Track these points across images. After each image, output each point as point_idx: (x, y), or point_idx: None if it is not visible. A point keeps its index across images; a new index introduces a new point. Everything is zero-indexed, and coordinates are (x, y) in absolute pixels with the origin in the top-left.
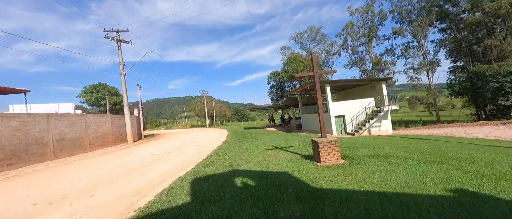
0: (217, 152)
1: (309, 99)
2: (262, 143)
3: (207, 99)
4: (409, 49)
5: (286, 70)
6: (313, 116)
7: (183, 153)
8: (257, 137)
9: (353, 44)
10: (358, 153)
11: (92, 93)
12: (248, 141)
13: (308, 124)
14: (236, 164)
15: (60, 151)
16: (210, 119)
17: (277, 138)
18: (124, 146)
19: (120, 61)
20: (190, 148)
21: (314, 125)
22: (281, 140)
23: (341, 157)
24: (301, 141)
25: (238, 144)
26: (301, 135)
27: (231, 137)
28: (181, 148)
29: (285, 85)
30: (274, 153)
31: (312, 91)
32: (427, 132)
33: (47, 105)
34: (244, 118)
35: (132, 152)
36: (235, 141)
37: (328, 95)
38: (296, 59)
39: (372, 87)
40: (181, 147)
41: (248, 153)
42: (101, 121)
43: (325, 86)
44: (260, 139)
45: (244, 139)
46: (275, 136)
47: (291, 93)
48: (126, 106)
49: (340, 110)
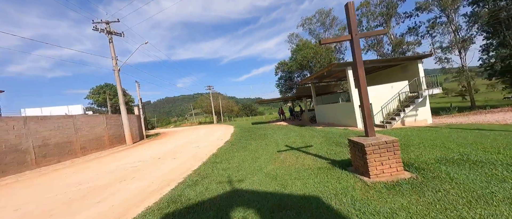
0: (216, 157)
1: (324, 88)
2: (273, 142)
3: (214, 95)
4: (436, 26)
5: (295, 59)
6: (330, 107)
7: (174, 159)
8: (267, 134)
9: (368, 25)
10: (419, 156)
11: (99, 94)
12: (256, 139)
13: (324, 116)
14: (238, 177)
15: (43, 159)
16: (218, 115)
17: (290, 134)
18: (120, 149)
19: (113, 56)
20: (186, 150)
21: (331, 116)
22: (295, 136)
23: (403, 167)
24: (321, 137)
25: (243, 144)
26: (318, 130)
27: (237, 135)
28: (176, 151)
29: (294, 76)
30: (289, 157)
31: (328, 79)
32: (471, 120)
33: (57, 108)
34: (252, 112)
35: (122, 157)
36: (241, 139)
37: (350, 81)
38: (305, 46)
39: (403, 69)
40: (176, 150)
41: (255, 158)
42: (95, 122)
43: (346, 69)
44: (270, 136)
45: (251, 136)
46: (287, 131)
47: (303, 82)
48: (122, 105)
49: None
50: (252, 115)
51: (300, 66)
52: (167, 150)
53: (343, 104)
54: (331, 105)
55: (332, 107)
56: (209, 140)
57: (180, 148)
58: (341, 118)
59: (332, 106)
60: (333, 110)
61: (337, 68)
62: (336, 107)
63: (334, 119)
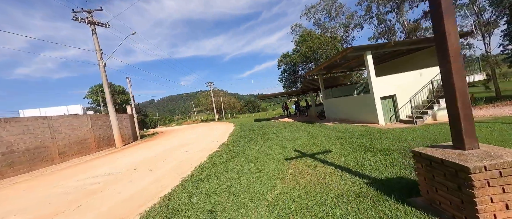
0: (203, 170)
1: (332, 80)
2: (279, 144)
3: (215, 92)
4: (456, 8)
5: (299, 51)
6: (342, 101)
7: (150, 171)
8: (270, 133)
9: (379, 12)
10: None
11: (97, 94)
12: (258, 140)
13: (335, 110)
14: (225, 215)
15: (9, 168)
16: (219, 112)
17: (298, 134)
18: (107, 152)
19: (97, 49)
20: (172, 157)
21: (344, 111)
22: (305, 136)
23: None
24: (339, 137)
25: (242, 148)
26: (330, 127)
27: (236, 135)
28: (160, 157)
29: (298, 69)
30: (303, 169)
31: (337, 69)
32: (507, 112)
33: (56, 109)
34: (255, 109)
35: (101, 164)
36: (240, 141)
37: (370, 68)
38: (310, 36)
39: (431, 53)
40: (162, 156)
41: (256, 170)
42: (77, 123)
43: (364, 55)
44: (274, 136)
45: (252, 136)
46: (294, 129)
47: (310, 73)
48: (110, 103)
49: (389, 88)
50: (255, 111)
51: (305, 58)
52: (152, 155)
53: (360, 97)
54: (343, 99)
55: (345, 101)
56: (203, 142)
57: (167, 153)
58: (357, 112)
59: (345, 100)
60: (347, 103)
61: (353, 53)
62: (350, 100)
63: (348, 113)
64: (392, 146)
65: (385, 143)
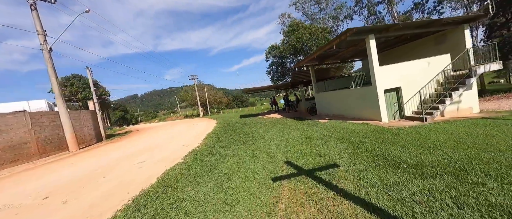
0: (143, 202)
1: (324, 72)
2: (265, 151)
3: (200, 87)
4: (446, 0)
5: (288, 42)
6: (337, 95)
7: (64, 204)
8: (255, 133)
9: (369, 2)
10: None
11: (65, 87)
12: (238, 144)
13: (327, 106)
14: None
15: None
16: (204, 107)
17: (289, 135)
18: (52, 159)
19: (39, 30)
20: (113, 175)
21: (338, 106)
22: (298, 138)
23: None
24: (341, 141)
25: (214, 158)
26: (325, 126)
27: (214, 136)
28: (100, 173)
29: (287, 62)
30: (304, 208)
31: (330, 60)
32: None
33: (15, 104)
34: (243, 103)
35: (8, 185)
36: (215, 146)
37: (373, 54)
38: (299, 26)
39: (438, 40)
40: (104, 171)
41: (223, 210)
42: (9, 124)
43: (366, 39)
44: (259, 137)
45: (232, 138)
46: (283, 128)
47: (300, 64)
48: (59, 98)
49: (393, 79)
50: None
51: (294, 49)
52: (96, 168)
53: (359, 90)
54: (338, 93)
55: (340, 95)
56: (171, 146)
57: (118, 164)
58: (354, 107)
59: (340, 94)
60: (342, 97)
61: (354, 37)
62: (346, 94)
63: (343, 109)
64: (425, 157)
65: (411, 152)
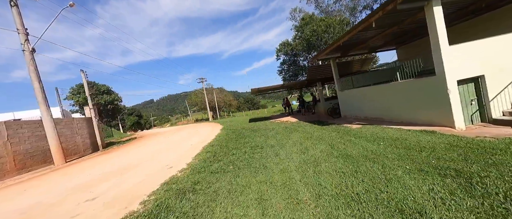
0: None
1: (348, 66)
2: (281, 186)
3: (209, 90)
4: None
5: (300, 37)
6: (368, 92)
7: None
8: (266, 146)
9: None
10: None
11: (79, 94)
12: (241, 166)
13: (356, 106)
14: None
15: None
16: (213, 110)
17: (315, 149)
18: (31, 175)
19: (19, 28)
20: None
21: (371, 107)
22: (331, 158)
23: None
24: (409, 163)
25: (194, 201)
26: (362, 133)
27: (211, 150)
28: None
29: (299, 60)
30: None
31: (357, 49)
32: None
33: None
34: (254, 106)
35: None
36: (207, 168)
37: (438, 27)
38: (313, 19)
39: None
40: (61, 206)
41: None
42: None
43: (426, 5)
44: (271, 154)
45: (234, 154)
46: (304, 138)
47: (318, 57)
48: (42, 104)
49: (471, 65)
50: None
51: (308, 45)
52: (41, 200)
53: (411, 83)
54: (374, 89)
55: (376, 92)
56: (151, 167)
57: (66, 199)
58: (402, 108)
59: (376, 90)
60: (381, 95)
61: (408, 4)
62: (387, 90)
63: (382, 110)
64: None
65: None
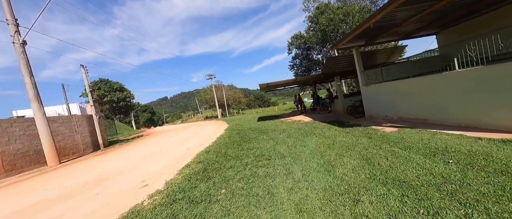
0: None
1: (372, 57)
2: None
3: (218, 87)
4: None
5: (314, 29)
6: (406, 86)
7: None
8: (274, 156)
9: None
10: None
11: (94, 91)
12: (236, 192)
13: (386, 104)
14: None
15: None
16: (222, 108)
17: (345, 167)
18: (22, 177)
19: (8, 18)
20: None
21: (410, 105)
22: (376, 186)
23: None
24: None
25: None
26: (406, 140)
27: (205, 159)
28: None
29: (313, 53)
30: None
31: (387, 36)
32: None
33: (51, 108)
34: (265, 103)
35: None
36: (193, 189)
37: None
38: (329, 7)
39: None
40: None
41: None
42: None
43: None
44: (282, 171)
45: (232, 168)
46: (325, 146)
47: (339, 45)
48: (34, 101)
49: None
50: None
51: (323, 36)
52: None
53: (486, 71)
54: (415, 82)
55: (420, 86)
56: (127, 181)
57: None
58: (464, 106)
59: (419, 84)
60: (427, 89)
61: None
62: (439, 83)
63: (429, 108)
64: None
65: None
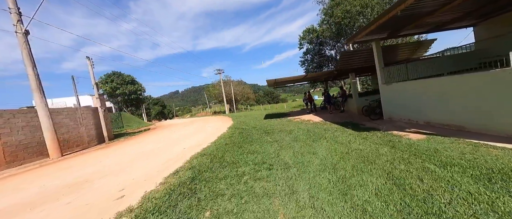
0: None
1: (393, 52)
2: None
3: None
4: None
5: (327, 22)
6: (436, 85)
7: None
8: (277, 166)
9: None
10: None
11: (107, 84)
12: (231, 213)
13: (410, 104)
14: None
15: None
16: (230, 103)
17: (365, 189)
18: (22, 169)
19: (11, 7)
20: None
21: (440, 108)
22: None
23: None
24: None
25: None
26: (453, 157)
27: (197, 165)
28: None
29: (325, 49)
30: None
31: (413, 29)
32: None
33: (66, 99)
34: (274, 99)
35: None
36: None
37: None
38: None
39: None
40: None
41: None
42: None
43: None
44: (282, 189)
45: (225, 181)
46: (338, 156)
47: (357, 38)
48: (36, 92)
49: None
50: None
51: (337, 30)
52: None
53: None
54: (451, 81)
55: (457, 86)
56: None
57: None
58: None
59: (457, 83)
60: (467, 90)
61: None
62: (485, 83)
63: (468, 113)
64: None
65: None
